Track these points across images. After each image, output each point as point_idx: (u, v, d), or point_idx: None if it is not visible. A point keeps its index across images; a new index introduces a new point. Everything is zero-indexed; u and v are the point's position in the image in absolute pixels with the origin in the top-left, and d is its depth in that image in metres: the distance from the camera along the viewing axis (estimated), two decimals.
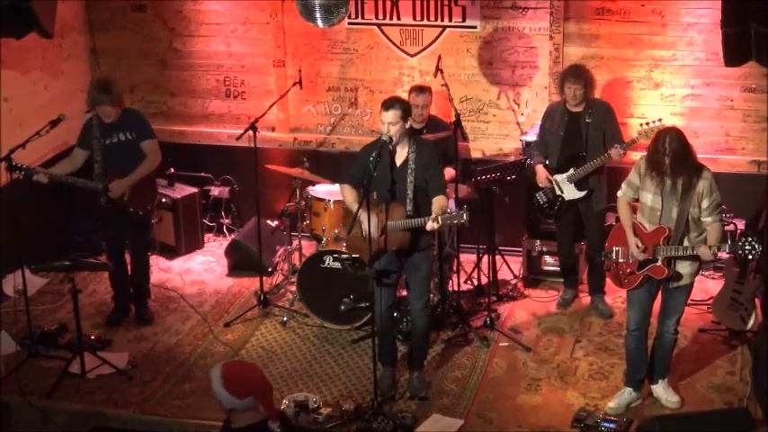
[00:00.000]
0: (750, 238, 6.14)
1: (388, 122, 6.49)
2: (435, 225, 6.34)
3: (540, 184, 7.75)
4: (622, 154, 7.40)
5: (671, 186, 6.18)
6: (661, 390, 6.72)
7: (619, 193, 6.55)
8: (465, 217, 6.31)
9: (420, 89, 7.91)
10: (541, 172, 7.73)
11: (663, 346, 6.64)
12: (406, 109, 6.57)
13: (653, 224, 6.33)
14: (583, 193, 7.62)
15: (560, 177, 7.67)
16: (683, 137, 6.14)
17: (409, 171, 6.56)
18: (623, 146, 7.40)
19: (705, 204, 6.20)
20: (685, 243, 6.27)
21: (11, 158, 7.26)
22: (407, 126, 6.58)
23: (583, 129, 7.57)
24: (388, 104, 6.53)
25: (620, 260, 6.49)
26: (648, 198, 6.32)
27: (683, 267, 6.37)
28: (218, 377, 4.37)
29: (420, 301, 6.80)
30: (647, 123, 7.36)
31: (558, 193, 7.71)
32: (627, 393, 6.69)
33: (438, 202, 6.51)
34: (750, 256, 6.14)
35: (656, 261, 6.33)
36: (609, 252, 6.58)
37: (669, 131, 6.18)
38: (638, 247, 6.32)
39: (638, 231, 6.40)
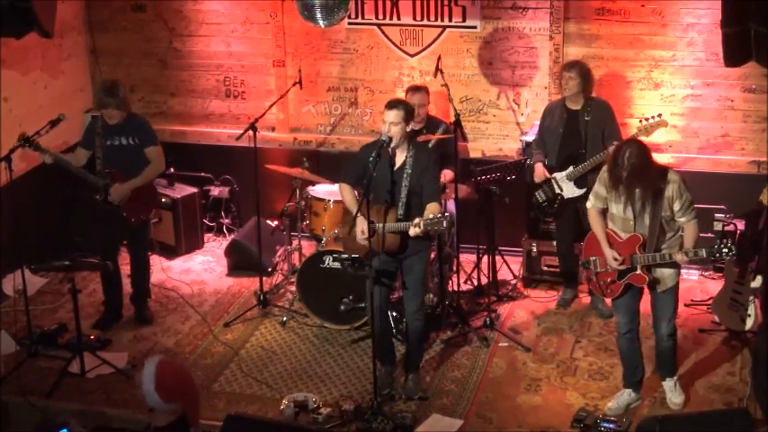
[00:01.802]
0: (726, 240, 6.16)
1: (390, 122, 6.50)
2: (417, 230, 6.36)
3: (536, 180, 7.76)
4: None
5: (637, 197, 6.18)
6: (668, 388, 6.72)
7: (588, 204, 6.55)
8: (445, 224, 6.36)
9: (416, 88, 7.92)
10: (539, 169, 7.74)
11: (662, 352, 6.65)
12: (409, 111, 6.60)
13: (627, 232, 6.33)
14: (582, 191, 7.63)
15: (559, 175, 7.68)
16: (642, 151, 6.09)
17: (405, 175, 6.57)
18: None
19: (677, 207, 6.20)
20: (662, 247, 6.27)
21: (26, 135, 7.27)
22: (408, 129, 6.59)
23: (582, 127, 7.59)
24: (392, 104, 6.57)
25: (599, 270, 6.49)
26: (619, 209, 6.31)
27: (661, 271, 6.37)
28: (152, 374, 4.29)
29: (413, 304, 6.80)
30: (647, 119, 7.37)
31: (558, 191, 7.71)
32: (626, 394, 6.69)
33: (430, 209, 6.52)
34: (728, 258, 6.16)
35: (635, 269, 6.33)
36: (586, 262, 6.57)
37: (630, 145, 6.16)
38: (615, 259, 6.33)
39: (613, 240, 6.40)
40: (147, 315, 7.97)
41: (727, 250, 6.10)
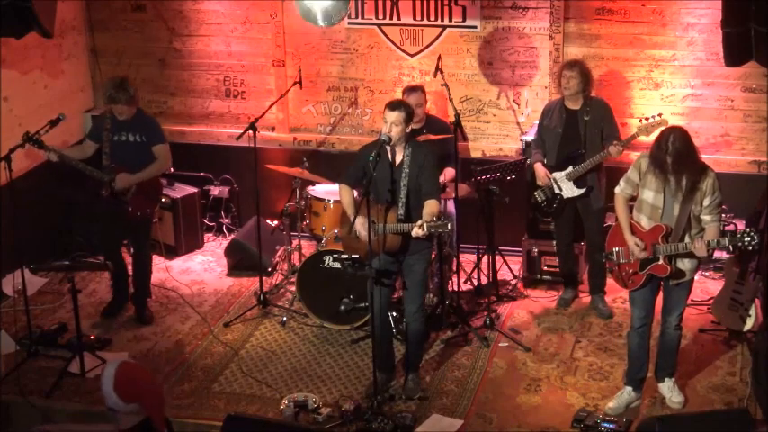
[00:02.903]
0: (749, 229, 6.13)
1: (391, 122, 6.50)
2: (420, 232, 6.36)
3: (539, 183, 7.75)
4: (621, 151, 7.40)
5: (674, 185, 6.17)
6: (666, 388, 6.71)
7: (617, 190, 6.53)
8: (449, 226, 6.37)
9: (411, 89, 7.91)
10: (540, 170, 7.73)
11: (667, 342, 6.64)
12: (410, 113, 6.61)
13: (653, 221, 6.32)
14: (582, 191, 7.63)
15: (559, 175, 7.68)
16: (687, 136, 6.13)
17: (403, 175, 6.57)
18: (622, 143, 7.42)
19: (706, 202, 6.20)
20: (686, 240, 6.27)
21: (29, 133, 7.35)
22: (407, 131, 6.60)
23: (581, 126, 7.58)
24: (395, 105, 6.58)
25: (622, 261, 6.48)
26: (650, 196, 6.30)
27: (684, 264, 6.37)
28: (111, 376, 4.29)
29: (413, 305, 6.79)
30: (647, 119, 7.37)
31: (557, 191, 7.71)
32: (626, 393, 6.68)
33: (429, 206, 6.51)
34: (750, 248, 6.13)
35: (658, 260, 6.32)
36: (609, 253, 6.57)
37: (673, 130, 6.17)
38: (637, 245, 6.32)
39: (636, 230, 6.40)
40: (147, 316, 7.96)
41: (749, 239, 6.08)
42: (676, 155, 6.04)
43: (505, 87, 8.67)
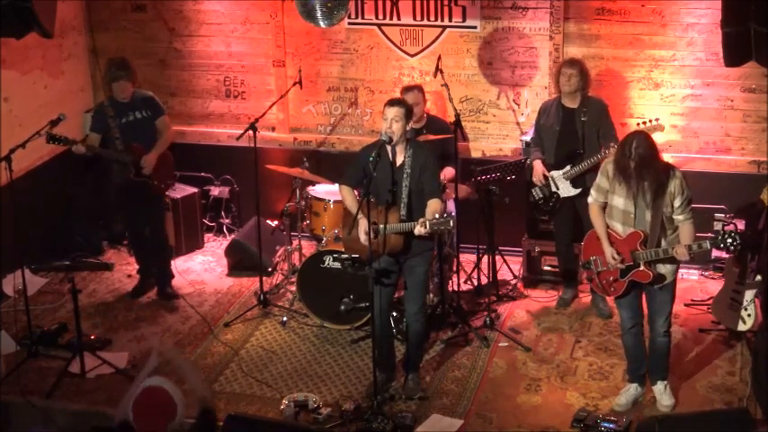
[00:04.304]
0: (731, 231, 6.15)
1: (391, 118, 6.50)
2: (423, 230, 6.36)
3: (534, 179, 7.75)
4: None
5: (642, 190, 6.18)
6: (658, 391, 6.71)
7: (589, 199, 6.53)
8: (452, 224, 6.38)
9: (407, 89, 7.88)
10: (538, 167, 7.74)
11: (656, 349, 6.64)
12: (409, 110, 6.61)
13: (627, 226, 6.32)
14: (578, 191, 7.62)
15: (556, 174, 7.68)
16: (649, 141, 6.13)
17: (405, 175, 6.56)
18: None
19: (677, 203, 6.21)
20: (663, 244, 6.28)
21: (50, 132, 7.50)
22: (408, 129, 6.60)
23: (578, 126, 7.58)
24: (394, 102, 6.61)
25: (600, 269, 6.49)
26: (620, 202, 6.31)
27: (663, 267, 6.37)
28: (138, 390, 4.32)
29: (414, 306, 6.79)
30: (644, 123, 7.38)
31: (554, 189, 7.71)
32: (633, 389, 6.70)
33: (431, 205, 6.52)
34: (732, 248, 6.14)
35: (638, 266, 6.32)
36: (587, 262, 6.56)
37: (636, 136, 6.19)
38: (614, 258, 6.33)
39: (613, 238, 6.39)
40: (171, 293, 8.21)
41: (731, 240, 6.09)
42: (639, 160, 6.04)
43: (505, 87, 8.67)
